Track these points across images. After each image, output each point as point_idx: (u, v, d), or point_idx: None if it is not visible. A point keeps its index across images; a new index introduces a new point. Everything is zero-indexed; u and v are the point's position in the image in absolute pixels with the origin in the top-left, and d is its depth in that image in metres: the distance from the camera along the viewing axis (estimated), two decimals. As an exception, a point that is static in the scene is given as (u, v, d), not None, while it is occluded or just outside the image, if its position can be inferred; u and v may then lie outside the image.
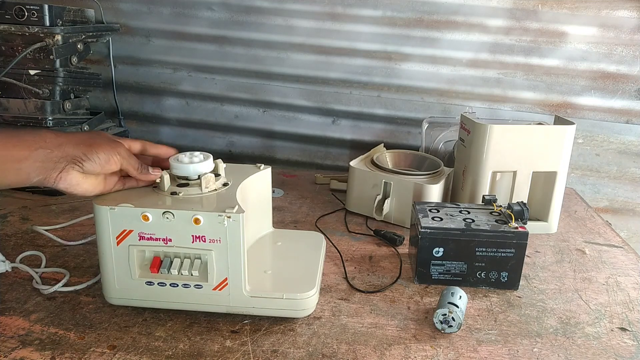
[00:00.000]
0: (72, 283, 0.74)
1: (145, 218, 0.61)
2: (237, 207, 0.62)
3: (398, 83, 1.32)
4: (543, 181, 0.98)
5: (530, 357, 0.63)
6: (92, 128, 1.18)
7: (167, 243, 0.63)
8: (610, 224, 1.08)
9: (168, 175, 0.67)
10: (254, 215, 0.77)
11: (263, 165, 0.79)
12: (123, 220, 0.62)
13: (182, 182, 0.68)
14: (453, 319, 0.65)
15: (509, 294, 0.77)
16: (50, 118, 1.10)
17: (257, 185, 0.77)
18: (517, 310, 0.73)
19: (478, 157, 0.94)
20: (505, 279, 0.77)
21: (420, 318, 0.70)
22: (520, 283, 0.78)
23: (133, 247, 0.63)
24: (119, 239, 0.63)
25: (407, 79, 1.31)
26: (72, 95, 1.17)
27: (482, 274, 0.77)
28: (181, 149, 0.71)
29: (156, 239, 0.63)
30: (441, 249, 0.77)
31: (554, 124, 1.01)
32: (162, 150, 0.70)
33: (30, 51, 1.05)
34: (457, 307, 0.66)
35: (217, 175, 0.69)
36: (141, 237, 0.63)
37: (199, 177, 0.67)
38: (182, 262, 0.64)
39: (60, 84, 1.12)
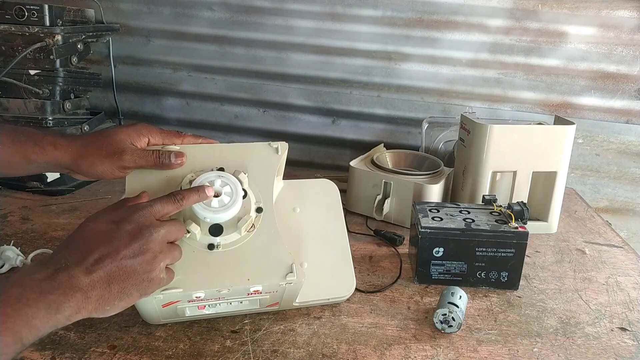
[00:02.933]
0: (72, 283, 0.73)
1: (198, 298, 0.59)
2: (295, 271, 0.61)
3: (398, 83, 1.32)
4: (543, 181, 0.98)
5: (530, 357, 0.63)
6: (92, 128, 1.18)
7: (219, 300, 0.62)
8: (610, 224, 1.08)
9: (199, 228, 0.59)
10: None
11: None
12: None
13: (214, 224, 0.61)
14: (453, 318, 0.65)
15: (509, 293, 0.77)
16: (50, 118, 1.10)
17: (277, 183, 0.71)
18: (517, 310, 0.73)
19: (478, 157, 0.94)
20: (505, 278, 0.77)
21: (420, 318, 0.70)
22: (520, 283, 0.78)
23: (182, 307, 0.61)
24: (165, 306, 0.60)
25: (407, 79, 1.31)
26: (72, 95, 1.17)
27: (482, 274, 0.77)
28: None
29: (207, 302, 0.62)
30: (441, 249, 0.77)
31: (554, 124, 1.01)
32: (187, 140, 0.67)
33: (30, 51, 1.05)
34: (457, 307, 0.66)
35: (244, 193, 0.63)
36: (191, 301, 0.60)
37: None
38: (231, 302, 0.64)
39: (60, 84, 1.12)
